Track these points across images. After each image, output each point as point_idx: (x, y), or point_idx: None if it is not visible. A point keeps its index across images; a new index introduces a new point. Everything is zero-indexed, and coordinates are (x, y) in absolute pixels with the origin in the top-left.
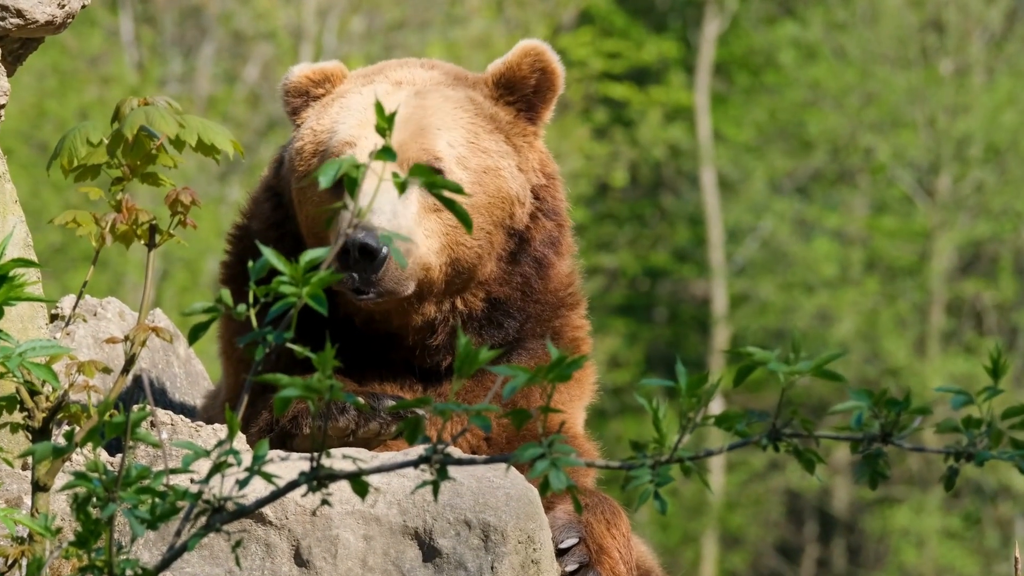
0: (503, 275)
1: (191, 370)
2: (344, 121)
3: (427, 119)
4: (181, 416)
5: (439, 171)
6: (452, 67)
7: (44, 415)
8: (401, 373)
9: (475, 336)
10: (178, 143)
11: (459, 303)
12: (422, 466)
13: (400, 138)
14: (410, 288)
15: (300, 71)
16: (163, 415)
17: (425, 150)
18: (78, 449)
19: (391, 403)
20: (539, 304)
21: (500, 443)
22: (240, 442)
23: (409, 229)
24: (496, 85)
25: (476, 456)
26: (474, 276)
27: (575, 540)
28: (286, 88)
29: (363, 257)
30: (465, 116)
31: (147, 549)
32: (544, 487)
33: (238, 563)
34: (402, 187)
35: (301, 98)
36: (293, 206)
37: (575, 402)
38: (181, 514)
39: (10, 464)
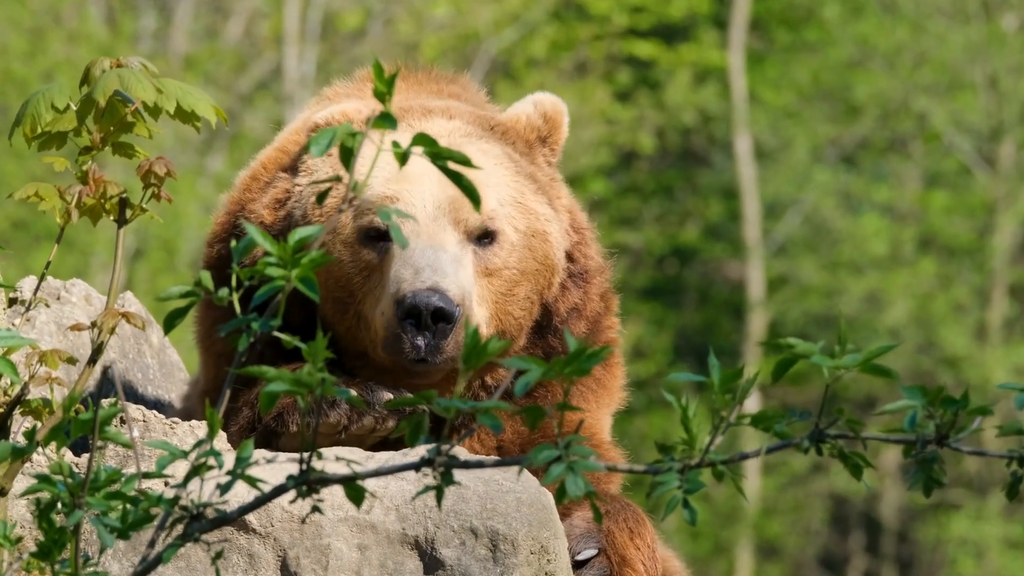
0: (529, 348)
1: (165, 360)
2: (375, 175)
3: (472, 174)
4: (155, 412)
5: (493, 233)
6: (471, 112)
7: (1, 411)
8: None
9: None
10: (155, 110)
11: (488, 378)
12: (424, 469)
13: (450, 194)
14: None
15: (332, 110)
16: (135, 411)
17: (477, 216)
18: (40, 449)
19: (388, 396)
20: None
21: (513, 452)
22: (221, 441)
23: (469, 294)
24: (525, 141)
25: (484, 458)
26: (507, 354)
27: (595, 551)
28: (316, 124)
29: (435, 322)
30: (507, 173)
31: (117, 561)
32: (560, 493)
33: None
34: (403, 157)
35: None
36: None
37: (602, 409)
38: (155, 522)
39: None
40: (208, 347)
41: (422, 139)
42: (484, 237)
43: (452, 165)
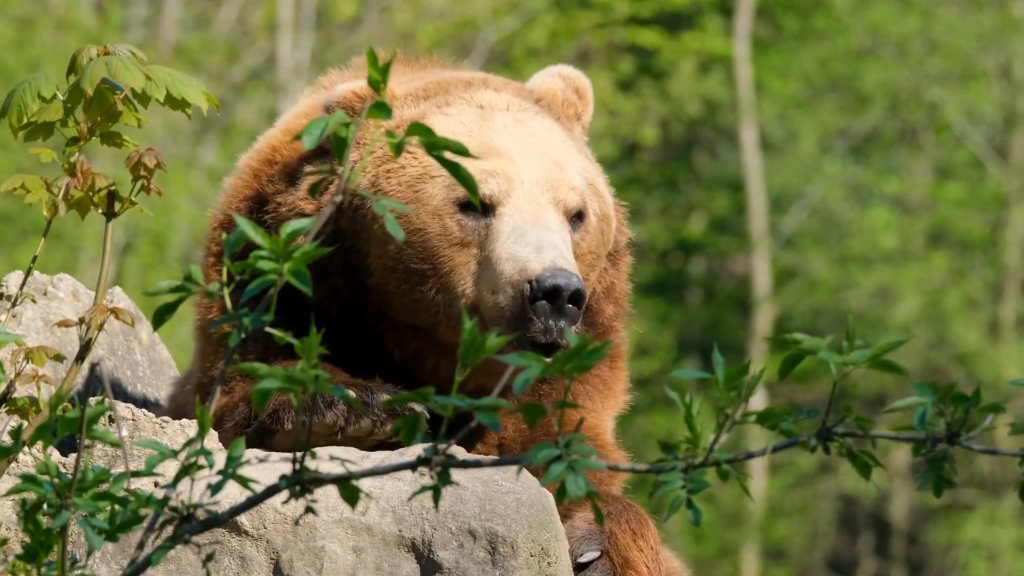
0: None
1: (155, 358)
2: (463, 137)
3: (552, 151)
4: (144, 410)
5: (584, 215)
6: (509, 84)
7: None
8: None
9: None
10: (144, 97)
11: None
12: (421, 468)
13: (542, 171)
14: None
15: (346, 87)
16: (124, 409)
17: (573, 188)
18: (26, 449)
19: (386, 397)
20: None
21: (515, 451)
22: (212, 440)
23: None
24: (566, 116)
25: (482, 457)
26: None
27: (596, 553)
28: (328, 106)
29: (572, 303)
30: (572, 151)
31: (105, 563)
32: (561, 493)
33: None
34: (397, 148)
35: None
36: (360, 257)
37: (606, 411)
38: (144, 523)
39: None
40: (208, 335)
41: (417, 128)
42: (577, 218)
43: (448, 155)
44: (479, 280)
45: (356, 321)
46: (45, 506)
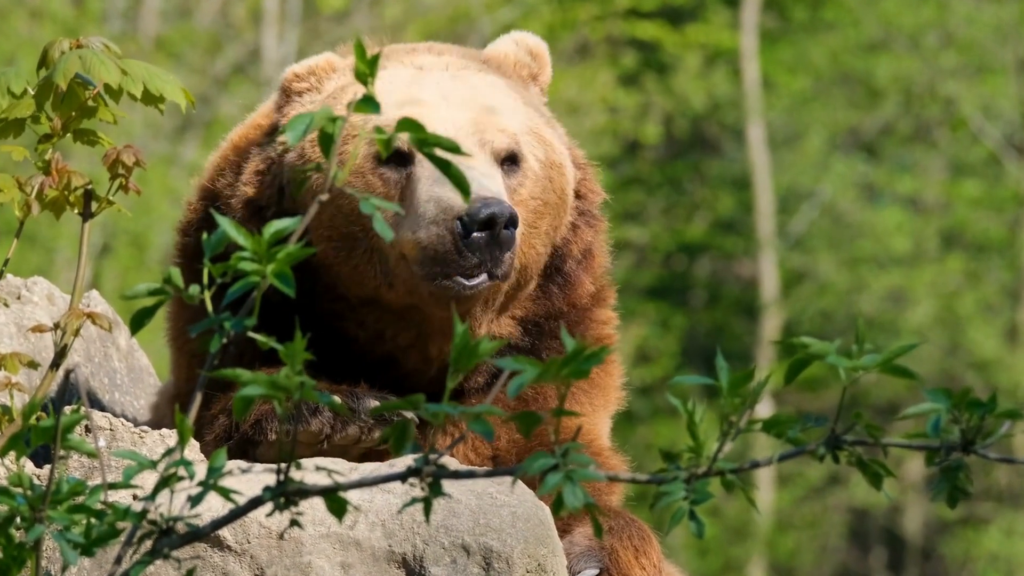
0: (535, 293)
1: (134, 365)
2: (384, 100)
3: (487, 99)
4: (122, 419)
5: (518, 158)
6: (458, 49)
7: None
8: (386, 381)
9: (480, 376)
10: (118, 93)
11: (500, 328)
12: (411, 480)
13: (473, 116)
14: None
15: (289, 69)
16: (100, 418)
17: (503, 131)
18: None
19: (374, 404)
20: (555, 321)
21: (509, 461)
22: (193, 451)
23: None
24: (519, 77)
25: (476, 468)
26: (522, 293)
27: (596, 570)
28: (296, 71)
29: (508, 228)
30: (517, 103)
31: None
32: (558, 505)
33: None
34: (387, 144)
35: (284, 95)
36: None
37: (599, 412)
38: (122, 537)
39: None
40: (180, 346)
41: (407, 124)
42: (510, 161)
43: (440, 153)
44: (402, 228)
45: (312, 308)
46: (18, 519)
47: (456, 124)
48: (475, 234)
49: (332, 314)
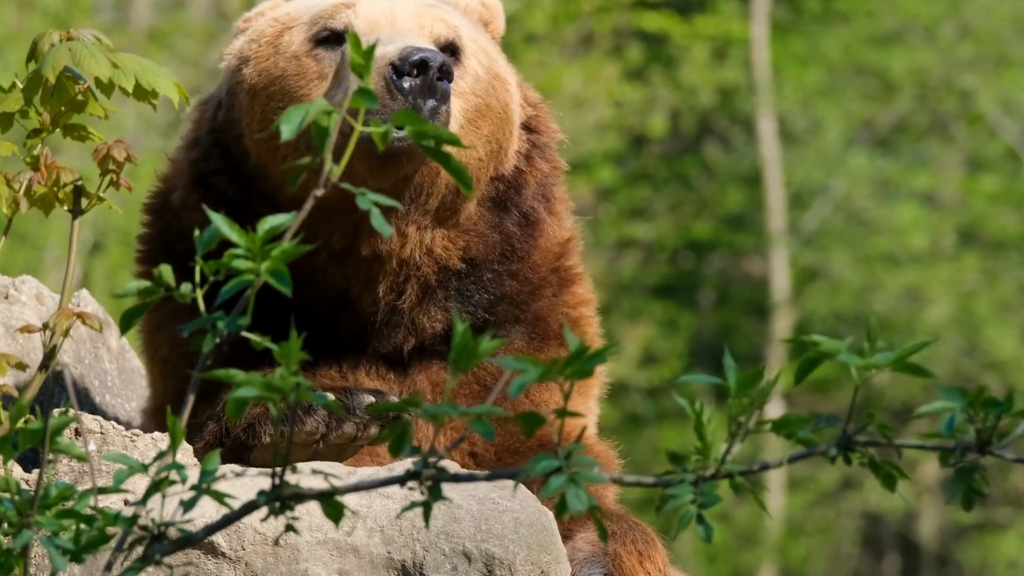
0: (483, 227)
1: (125, 366)
2: None
3: (436, 9)
4: (113, 422)
5: (459, 50)
6: None
7: None
8: (358, 359)
9: (439, 309)
10: (109, 87)
11: (437, 246)
12: (410, 483)
13: (410, 6)
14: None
15: (251, 12)
16: (91, 421)
17: (443, 20)
18: None
19: (369, 399)
20: (516, 280)
21: (488, 458)
22: (186, 455)
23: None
24: (469, 16)
25: (477, 472)
26: (460, 209)
27: None
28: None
29: (442, 80)
30: (469, 24)
31: None
32: (561, 509)
33: None
34: (383, 137)
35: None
36: (240, 145)
37: (584, 399)
38: (112, 543)
39: None
40: (152, 355)
41: (404, 117)
42: (450, 50)
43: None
44: (334, 96)
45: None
46: (5, 525)
47: (395, 10)
48: (407, 80)
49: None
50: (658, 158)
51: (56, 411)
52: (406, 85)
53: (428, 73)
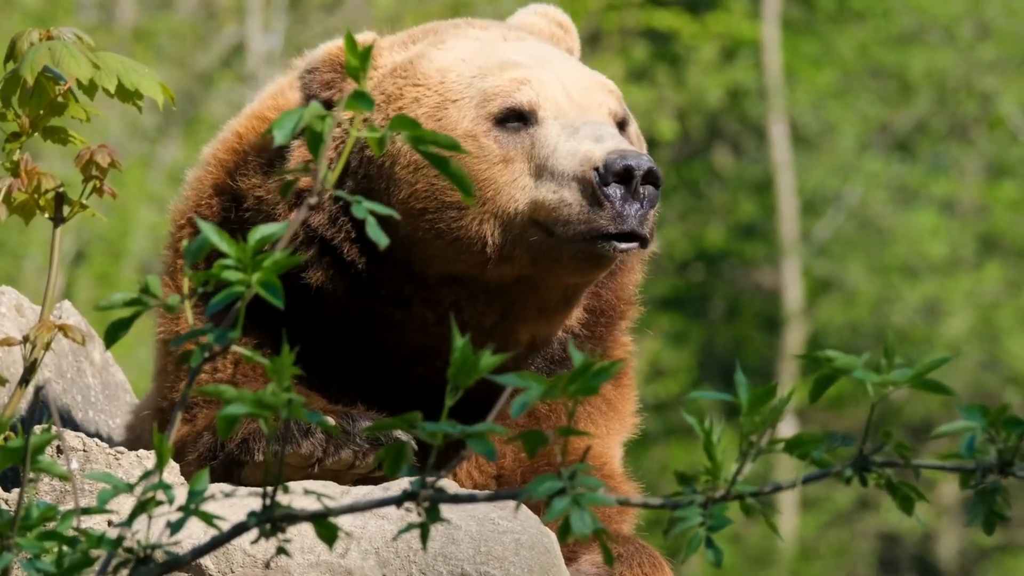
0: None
1: (109, 381)
2: (474, 63)
3: (570, 62)
4: (96, 440)
5: (626, 122)
6: (494, 23)
7: None
8: (397, 397)
9: (547, 370)
10: (91, 88)
11: (572, 320)
12: (407, 504)
13: (585, 77)
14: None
15: (330, 45)
16: (73, 438)
17: (612, 92)
18: None
19: (369, 425)
20: (602, 324)
21: (514, 481)
22: (173, 474)
23: None
24: (557, 47)
25: (476, 492)
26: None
27: None
28: (312, 67)
29: (649, 184)
30: (594, 74)
31: None
32: (565, 531)
33: None
34: (379, 143)
35: (334, 72)
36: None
37: (613, 436)
38: (96, 566)
39: None
40: (170, 351)
41: (401, 121)
42: (621, 125)
43: (436, 150)
44: (536, 189)
45: (372, 294)
46: None
47: (567, 84)
48: (609, 186)
49: (399, 299)
50: (666, 164)
51: (37, 428)
52: (610, 192)
53: (631, 183)
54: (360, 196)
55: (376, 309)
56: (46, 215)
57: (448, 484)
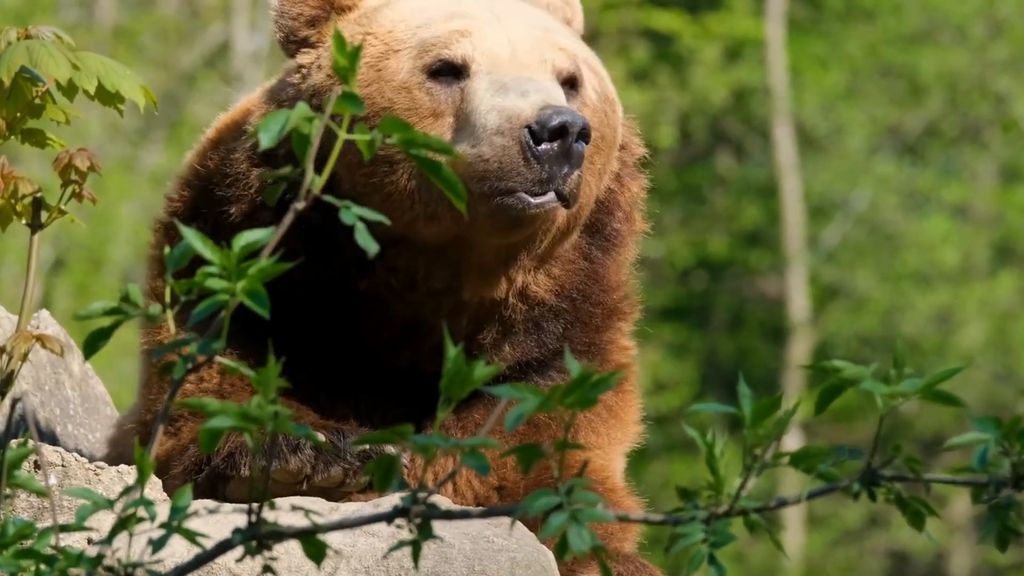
0: (575, 255)
1: (88, 393)
2: (425, 11)
3: (533, 17)
4: (75, 454)
5: (578, 82)
6: None
7: None
8: (410, 389)
9: (511, 345)
10: (70, 89)
11: (538, 286)
12: (398, 521)
13: (527, 33)
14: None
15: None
16: (51, 453)
17: (563, 50)
18: None
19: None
20: (592, 304)
21: (517, 493)
22: (155, 489)
23: None
24: (553, 15)
25: (470, 508)
26: (566, 239)
27: None
28: (278, 19)
29: (579, 142)
30: (567, 29)
31: None
32: (562, 549)
33: None
34: (369, 146)
35: (320, 9)
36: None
37: (615, 446)
38: None
39: None
40: (154, 361)
41: (391, 124)
42: (569, 84)
43: (431, 155)
44: (456, 143)
45: (333, 260)
46: None
47: (513, 39)
48: (544, 145)
49: (358, 263)
50: (667, 168)
51: (14, 442)
52: (544, 152)
53: (567, 139)
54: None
55: (346, 285)
56: (23, 221)
57: (441, 500)
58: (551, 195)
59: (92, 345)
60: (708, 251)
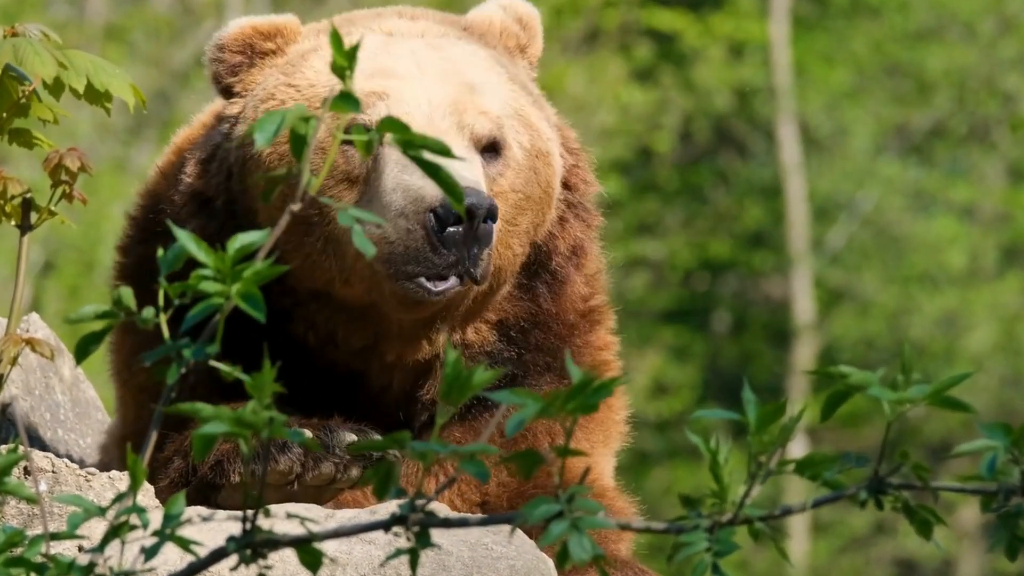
0: (514, 296)
1: (79, 397)
2: (358, 67)
3: (467, 75)
4: (66, 460)
5: (500, 146)
6: (435, 14)
7: None
8: (356, 412)
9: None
10: (57, 88)
11: (471, 333)
12: (395, 528)
13: (451, 94)
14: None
15: (242, 22)
16: (42, 458)
17: (485, 113)
18: None
19: (351, 438)
20: (543, 331)
21: (500, 507)
22: (147, 496)
23: None
24: (505, 47)
25: (469, 516)
26: (493, 297)
27: None
28: (220, 44)
29: (486, 222)
30: (501, 80)
31: None
32: (563, 557)
33: None
34: (367, 147)
35: (242, 55)
36: (246, 203)
37: (598, 449)
38: None
39: None
40: (126, 380)
41: (389, 124)
42: (491, 150)
43: (428, 156)
44: (365, 205)
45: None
46: None
47: (432, 102)
48: (450, 228)
49: (281, 313)
50: (669, 168)
51: (3, 448)
52: (450, 236)
53: (473, 222)
54: (221, 195)
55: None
56: (12, 222)
57: (439, 507)
58: (453, 280)
59: (84, 349)
60: (711, 252)
